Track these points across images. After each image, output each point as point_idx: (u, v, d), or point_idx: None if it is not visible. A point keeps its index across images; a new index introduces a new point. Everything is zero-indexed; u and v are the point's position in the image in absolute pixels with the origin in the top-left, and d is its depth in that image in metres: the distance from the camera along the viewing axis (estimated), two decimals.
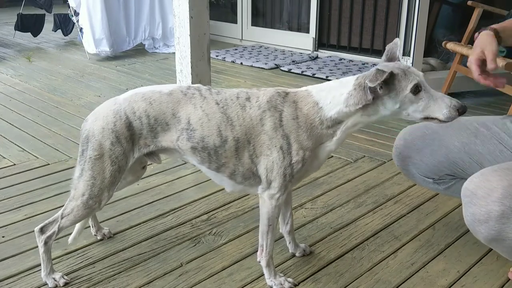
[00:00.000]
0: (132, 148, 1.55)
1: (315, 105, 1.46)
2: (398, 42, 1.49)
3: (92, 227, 1.92)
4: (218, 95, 1.52)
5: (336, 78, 4.87)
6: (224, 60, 5.35)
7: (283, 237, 1.94)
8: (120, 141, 1.52)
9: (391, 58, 1.47)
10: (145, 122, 1.52)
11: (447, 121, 1.37)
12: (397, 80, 1.37)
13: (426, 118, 1.40)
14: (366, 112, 1.43)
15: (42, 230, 1.62)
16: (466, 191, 1.35)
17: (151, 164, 2.60)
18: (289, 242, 1.83)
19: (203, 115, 1.49)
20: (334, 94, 1.45)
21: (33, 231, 1.97)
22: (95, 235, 1.93)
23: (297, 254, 1.83)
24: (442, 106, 1.37)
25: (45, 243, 1.61)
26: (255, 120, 1.47)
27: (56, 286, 1.63)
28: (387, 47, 1.50)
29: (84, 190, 1.54)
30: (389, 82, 1.36)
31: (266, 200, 1.55)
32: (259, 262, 1.65)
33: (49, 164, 2.66)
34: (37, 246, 1.87)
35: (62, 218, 1.58)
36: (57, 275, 1.65)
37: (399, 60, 1.47)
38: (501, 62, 2.97)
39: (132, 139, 1.54)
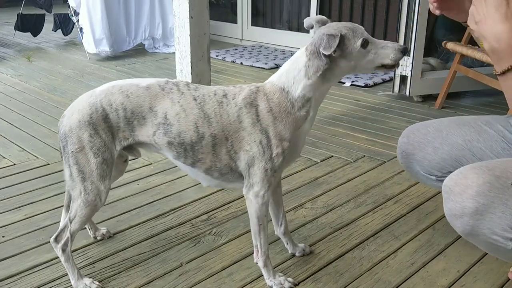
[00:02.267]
0: (113, 140, 1.54)
1: (282, 91, 1.48)
2: (308, 18, 1.53)
3: (89, 229, 1.91)
4: (196, 91, 1.53)
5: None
6: (224, 60, 5.35)
7: None
8: (98, 132, 1.51)
9: (324, 23, 1.49)
10: (121, 115, 1.51)
11: (394, 64, 1.46)
12: (347, 39, 1.41)
13: (377, 67, 1.47)
14: (326, 77, 1.46)
15: (56, 240, 1.60)
16: (445, 187, 1.38)
17: (151, 164, 2.62)
18: (287, 243, 1.82)
19: (181, 110, 1.49)
20: (293, 74, 1.47)
21: (33, 231, 1.99)
22: (94, 237, 1.92)
23: (297, 254, 1.82)
24: (388, 51, 1.44)
25: (63, 250, 1.60)
26: (232, 117, 1.48)
27: None
28: (308, 22, 1.51)
29: (79, 187, 1.54)
30: (340, 43, 1.40)
31: (252, 200, 1.54)
32: (256, 263, 1.65)
33: (49, 164, 2.66)
34: (37, 246, 1.88)
35: (70, 222, 1.57)
36: (87, 281, 1.63)
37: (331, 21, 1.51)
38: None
39: (111, 132, 1.53)
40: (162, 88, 1.53)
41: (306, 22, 1.52)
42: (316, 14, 5.48)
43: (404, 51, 1.45)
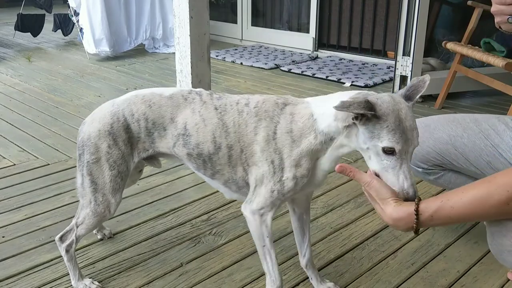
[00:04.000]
0: (131, 152, 1.50)
1: (310, 117, 1.33)
2: (428, 81, 1.28)
3: None
4: (219, 100, 1.45)
5: (336, 78, 4.86)
6: (224, 60, 5.35)
7: (282, 236, 1.94)
8: (118, 143, 1.47)
9: (410, 96, 1.26)
10: (143, 126, 1.47)
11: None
12: (380, 126, 1.17)
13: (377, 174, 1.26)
14: (348, 134, 1.27)
15: (61, 239, 1.60)
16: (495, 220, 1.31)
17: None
18: (311, 278, 1.65)
19: (200, 120, 1.43)
20: (329, 106, 1.24)
21: (33, 231, 1.99)
22: (95, 233, 1.92)
23: None
24: (395, 183, 1.21)
25: (67, 251, 1.59)
26: (249, 127, 1.38)
27: None
28: (412, 82, 1.28)
29: (90, 197, 1.51)
30: (374, 121, 1.18)
31: (248, 217, 1.41)
32: None
33: (49, 164, 2.66)
34: (37, 246, 1.88)
35: (77, 227, 1.56)
36: (87, 281, 1.64)
37: (414, 102, 1.26)
38: (501, 62, 2.97)
39: (131, 143, 1.49)
40: (185, 98, 1.47)
41: (417, 83, 1.28)
42: (316, 14, 5.48)
43: (409, 196, 1.20)
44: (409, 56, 3.61)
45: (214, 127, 1.42)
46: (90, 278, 1.67)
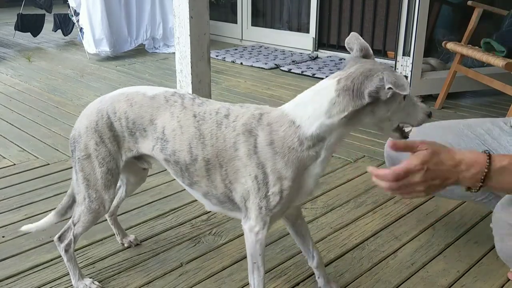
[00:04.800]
0: (119, 150, 1.49)
1: (292, 125, 1.26)
2: (357, 35, 1.33)
3: (117, 235, 1.89)
4: (199, 107, 1.39)
5: None
6: (224, 60, 5.35)
7: (282, 237, 1.94)
8: (104, 141, 1.47)
9: (366, 55, 1.29)
10: (124, 125, 1.45)
11: (418, 126, 1.31)
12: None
13: (395, 129, 1.30)
14: (351, 120, 1.24)
15: (60, 239, 1.60)
16: (504, 223, 1.32)
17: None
18: (318, 277, 1.63)
19: (177, 127, 1.38)
20: (313, 107, 1.24)
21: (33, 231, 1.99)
22: (121, 243, 1.89)
23: None
24: (419, 111, 1.27)
25: (66, 251, 1.59)
26: (228, 142, 1.31)
27: None
28: (352, 41, 1.32)
29: (84, 193, 1.52)
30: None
31: (247, 233, 1.38)
32: None
33: (49, 164, 2.66)
34: (37, 246, 1.88)
35: (74, 225, 1.56)
36: (87, 281, 1.64)
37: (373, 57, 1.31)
38: (501, 62, 2.97)
39: (117, 141, 1.48)
40: (166, 100, 1.43)
41: (350, 40, 1.33)
42: (316, 14, 5.48)
43: (430, 115, 1.29)
44: (409, 56, 3.60)
45: (190, 136, 1.36)
46: (90, 278, 1.66)
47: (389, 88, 1.14)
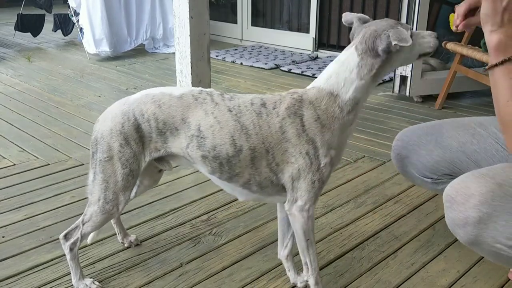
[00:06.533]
0: (143, 151, 1.50)
1: (331, 96, 1.39)
2: (348, 12, 1.50)
3: (118, 234, 1.89)
4: (231, 101, 1.44)
5: None
6: (224, 60, 5.35)
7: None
8: (129, 143, 1.47)
9: (365, 21, 1.45)
10: (153, 126, 1.46)
11: (432, 51, 1.45)
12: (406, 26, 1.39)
13: (418, 58, 1.47)
14: (377, 76, 1.40)
15: (66, 237, 1.59)
16: (447, 196, 1.37)
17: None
18: (288, 270, 1.67)
19: (215, 123, 1.41)
20: (344, 76, 1.39)
21: (33, 231, 1.99)
22: (122, 242, 1.90)
23: (298, 285, 1.66)
24: (427, 38, 1.43)
25: (71, 249, 1.59)
26: (273, 128, 1.39)
27: None
28: (349, 18, 1.47)
29: (99, 194, 1.51)
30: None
31: (296, 215, 1.44)
32: (307, 281, 1.57)
33: (49, 164, 2.66)
34: (37, 246, 1.88)
35: (83, 224, 1.56)
36: (88, 281, 1.63)
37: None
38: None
39: (142, 142, 1.49)
40: (195, 98, 1.45)
41: (346, 17, 1.47)
42: (316, 14, 5.48)
43: (436, 35, 1.45)
44: None
45: (231, 130, 1.41)
46: (90, 278, 1.67)
47: (395, 44, 1.32)
